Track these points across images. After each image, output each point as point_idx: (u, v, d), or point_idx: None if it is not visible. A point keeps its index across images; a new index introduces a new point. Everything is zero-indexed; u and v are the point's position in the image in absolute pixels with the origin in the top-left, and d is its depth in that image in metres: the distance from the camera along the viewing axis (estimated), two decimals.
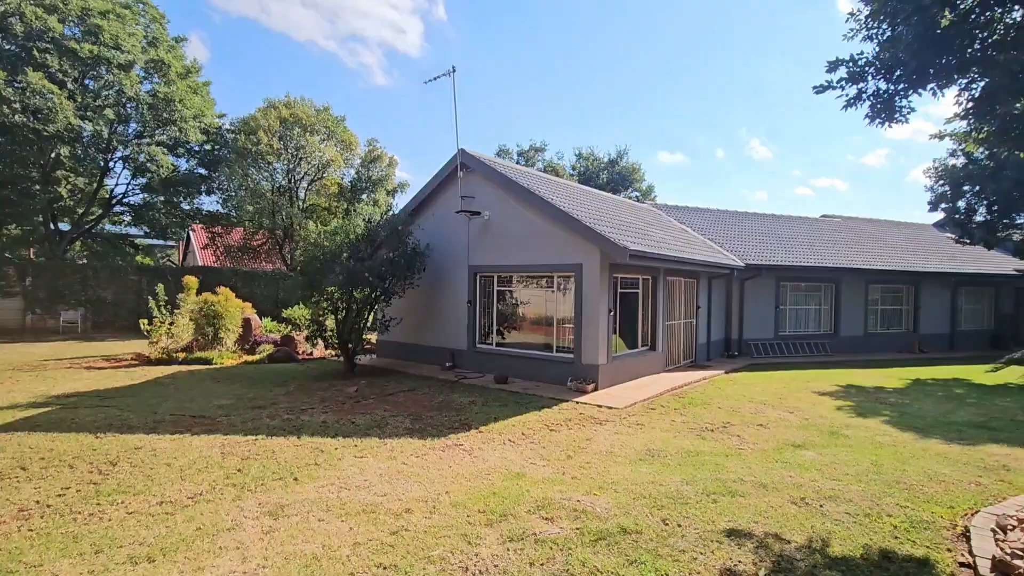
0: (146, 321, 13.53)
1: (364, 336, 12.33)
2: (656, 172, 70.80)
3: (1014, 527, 4.09)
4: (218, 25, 52.67)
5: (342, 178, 24.94)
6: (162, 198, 22.98)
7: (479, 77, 71.69)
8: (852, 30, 5.75)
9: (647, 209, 18.10)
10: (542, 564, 3.59)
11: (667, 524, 4.22)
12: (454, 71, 10.93)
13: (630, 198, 30.39)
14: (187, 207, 24.13)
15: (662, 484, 5.12)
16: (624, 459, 5.98)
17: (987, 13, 5.01)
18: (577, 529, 4.09)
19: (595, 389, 9.71)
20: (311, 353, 14.65)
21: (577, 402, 8.87)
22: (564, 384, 9.99)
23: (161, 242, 27.57)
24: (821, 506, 4.66)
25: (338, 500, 4.70)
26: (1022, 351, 4.57)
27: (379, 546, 3.84)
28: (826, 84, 5.80)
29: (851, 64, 5.64)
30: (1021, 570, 3.40)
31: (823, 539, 4.05)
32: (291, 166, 23.17)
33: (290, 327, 15.95)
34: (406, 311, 12.73)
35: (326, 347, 12.85)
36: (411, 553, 3.74)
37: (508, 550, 3.78)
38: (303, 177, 23.86)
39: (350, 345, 11.49)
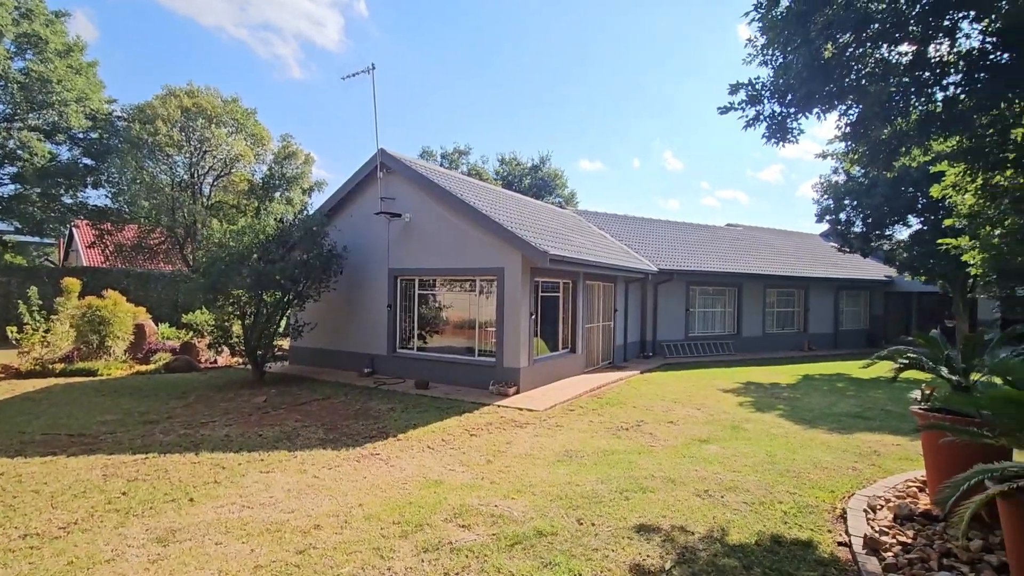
0: (15, 328, 11.94)
1: (275, 342, 11.64)
2: (577, 179, 73.06)
3: (882, 507, 4.58)
4: (110, 3, 47.74)
5: (252, 174, 23.41)
6: (38, 190, 20.41)
7: (403, 77, 70.43)
8: (751, 55, 6.22)
9: (568, 215, 18.59)
10: (457, 573, 3.53)
11: (581, 524, 4.31)
12: (373, 68, 10.61)
13: (552, 203, 31.08)
14: (69, 200, 21.60)
15: (578, 484, 5.23)
16: (543, 461, 6.05)
17: (860, 48, 5.62)
18: (493, 535, 4.08)
19: (517, 392, 9.78)
20: (215, 361, 13.61)
21: (499, 405, 8.88)
22: (486, 388, 9.99)
23: (37, 239, 24.48)
24: (722, 497, 4.96)
25: (239, 520, 4.36)
26: (888, 349, 5.13)
27: (283, 567, 3.60)
28: (729, 105, 6.22)
29: (750, 87, 6.09)
30: (887, 545, 3.81)
31: (723, 528, 4.31)
32: (194, 160, 21.42)
33: (191, 333, 14.74)
34: (322, 315, 12.17)
35: (232, 354, 12.02)
36: (318, 573, 3.54)
37: (423, 561, 3.68)
38: (208, 172, 22.14)
39: (259, 352, 10.79)
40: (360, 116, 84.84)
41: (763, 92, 6.07)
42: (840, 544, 4.02)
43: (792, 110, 6.05)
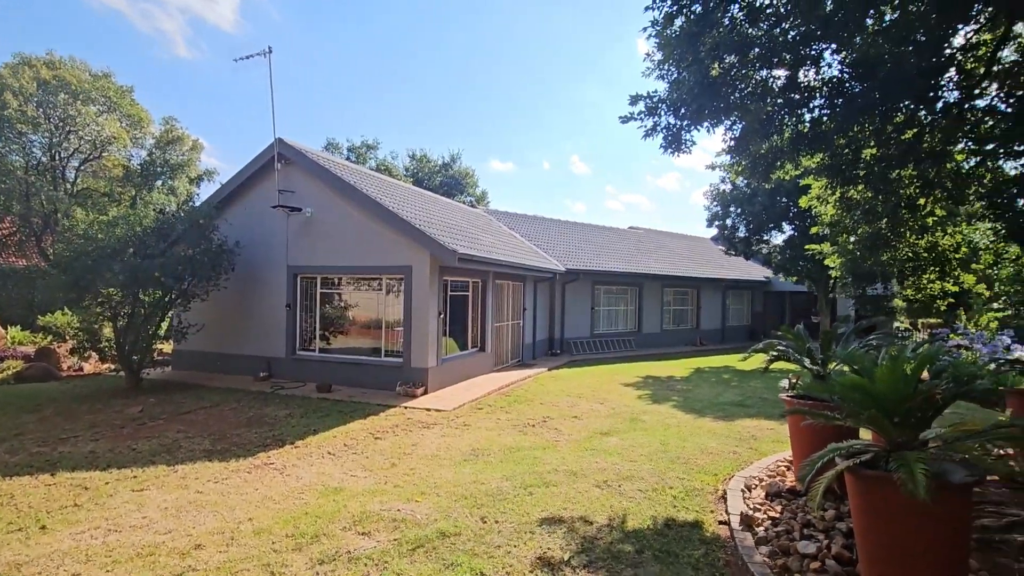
0: None
1: (155, 346, 10.55)
2: (489, 178, 73.48)
3: (756, 486, 5.06)
4: None
5: (129, 160, 21.01)
6: None
7: (307, 66, 66.71)
8: (649, 68, 6.59)
9: (479, 214, 18.64)
10: None
11: (485, 522, 4.33)
12: (270, 52, 9.93)
13: (464, 202, 31.01)
14: None
15: (483, 483, 5.25)
16: (449, 461, 6.00)
17: (743, 70, 6.16)
18: (395, 540, 3.97)
19: (425, 392, 9.64)
20: (80, 368, 12.08)
21: (406, 407, 8.70)
22: (393, 389, 9.73)
23: None
24: (620, 487, 5.21)
25: (104, 546, 3.89)
26: (763, 343, 5.66)
27: None
28: (629, 115, 6.54)
29: (648, 100, 6.45)
30: (759, 520, 4.21)
31: (621, 516, 4.52)
32: (55, 140, 18.82)
33: (51, 337, 12.96)
34: (211, 316, 11.19)
35: (102, 360, 10.74)
36: None
37: (317, 574, 3.50)
38: (72, 155, 19.57)
39: (135, 357, 9.71)
40: (258, 103, 79.23)
41: (660, 105, 6.45)
42: (721, 523, 4.38)
43: (685, 123, 6.49)
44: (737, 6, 5.84)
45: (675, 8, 5.80)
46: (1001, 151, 6.59)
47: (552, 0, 74.09)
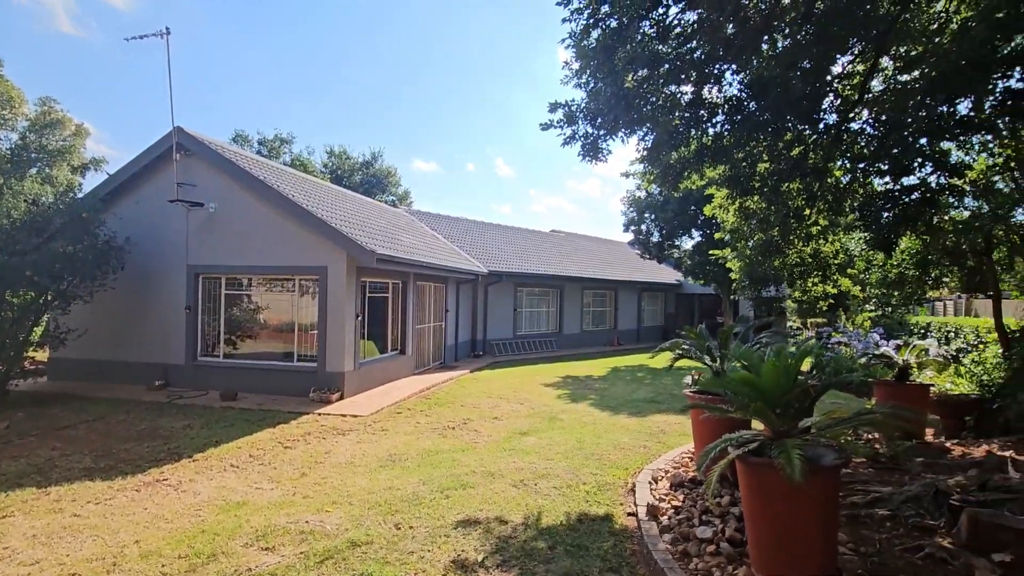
0: None
1: (26, 353, 9.36)
2: (412, 178, 72.19)
3: (662, 478, 5.35)
4: None
5: None
6: None
7: (214, 52, 62.12)
8: (568, 77, 6.78)
9: (400, 214, 18.29)
10: None
11: (399, 528, 4.24)
12: (168, 33, 9.13)
13: (385, 202, 30.29)
14: None
15: (399, 488, 5.14)
16: (364, 468, 5.82)
17: (655, 84, 6.50)
18: (301, 553, 3.78)
19: (341, 398, 9.29)
20: None
21: (320, 413, 8.33)
22: (307, 395, 9.29)
23: None
24: (536, 485, 5.31)
25: None
26: (670, 341, 6.00)
27: None
28: (549, 123, 6.69)
29: (566, 108, 6.62)
30: (663, 510, 4.45)
31: (536, 514, 4.60)
32: None
33: None
34: (97, 320, 10.10)
35: None
36: None
37: None
38: None
39: (0, 367, 8.56)
40: (158, 89, 72.61)
41: (578, 114, 6.64)
42: (630, 514, 4.58)
43: (602, 132, 6.72)
44: (648, 23, 6.15)
45: (591, 21, 6.00)
46: (871, 169, 7.44)
47: (477, 3, 74.43)
